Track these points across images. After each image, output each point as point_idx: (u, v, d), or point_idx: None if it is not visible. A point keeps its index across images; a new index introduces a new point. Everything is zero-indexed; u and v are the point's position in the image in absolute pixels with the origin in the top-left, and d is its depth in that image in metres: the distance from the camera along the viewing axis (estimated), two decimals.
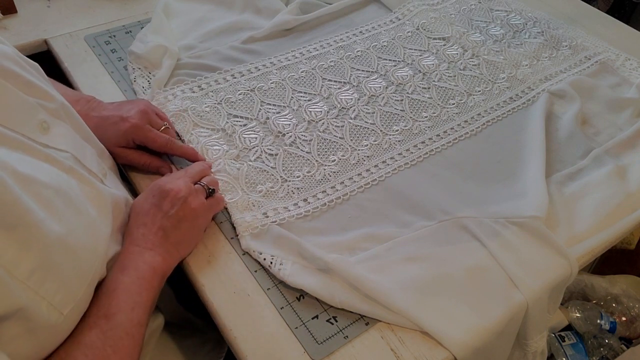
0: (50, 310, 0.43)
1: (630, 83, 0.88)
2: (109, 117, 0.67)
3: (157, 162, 0.68)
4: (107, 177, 0.59)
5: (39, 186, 0.44)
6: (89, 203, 0.50)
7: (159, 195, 0.58)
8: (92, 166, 0.55)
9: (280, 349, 0.54)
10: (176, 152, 0.69)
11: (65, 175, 0.49)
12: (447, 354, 0.55)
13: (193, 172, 0.64)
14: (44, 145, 0.49)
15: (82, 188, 0.51)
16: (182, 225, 0.58)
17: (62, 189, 0.47)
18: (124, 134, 0.65)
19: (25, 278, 0.41)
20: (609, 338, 1.02)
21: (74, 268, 0.45)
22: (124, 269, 0.53)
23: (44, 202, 0.44)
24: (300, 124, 0.77)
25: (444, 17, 0.99)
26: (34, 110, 0.50)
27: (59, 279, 0.43)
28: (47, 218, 0.43)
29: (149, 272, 0.54)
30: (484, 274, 0.61)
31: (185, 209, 0.58)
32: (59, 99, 0.55)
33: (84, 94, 0.71)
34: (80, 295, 0.46)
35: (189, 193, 0.59)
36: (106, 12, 0.94)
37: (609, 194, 0.70)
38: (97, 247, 0.49)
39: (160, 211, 0.57)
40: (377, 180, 0.71)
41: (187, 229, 0.58)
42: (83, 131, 0.59)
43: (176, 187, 0.59)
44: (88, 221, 0.49)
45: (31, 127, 0.49)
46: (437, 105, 0.82)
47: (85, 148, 0.57)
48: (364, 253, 0.61)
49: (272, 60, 0.87)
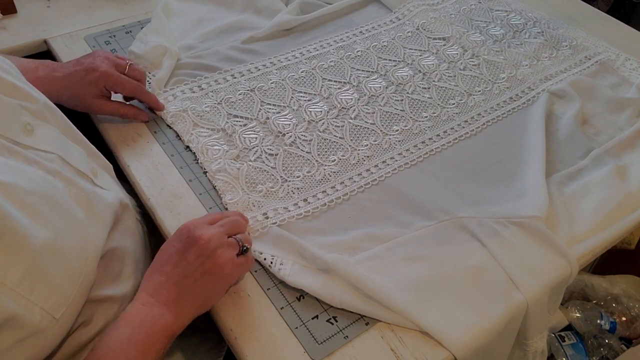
0: (43, 315, 0.43)
1: (630, 83, 0.88)
2: (75, 72, 0.68)
3: (133, 110, 0.72)
4: (99, 176, 0.58)
5: (21, 192, 0.44)
6: (76, 205, 0.50)
7: (185, 241, 0.53)
8: (80, 166, 0.55)
9: (280, 349, 0.54)
10: (144, 97, 0.73)
11: (50, 177, 0.49)
12: (447, 354, 0.55)
13: (229, 224, 0.57)
14: (28, 148, 0.48)
15: (68, 190, 0.50)
16: (204, 280, 0.52)
17: (48, 193, 0.47)
18: (95, 83, 0.67)
19: (15, 285, 0.40)
20: (609, 338, 1.02)
21: (65, 271, 0.45)
22: (127, 324, 0.49)
23: (29, 209, 0.43)
24: (300, 124, 0.77)
25: (444, 17, 0.99)
26: (17, 113, 0.49)
27: (50, 283, 0.43)
28: (32, 225, 0.43)
29: (154, 335, 0.50)
30: (484, 274, 0.61)
31: (211, 262, 0.52)
32: (41, 99, 0.55)
33: (41, 60, 0.71)
34: (72, 298, 0.46)
35: (220, 245, 0.53)
36: (106, 12, 0.94)
37: (609, 194, 0.70)
38: (87, 248, 0.49)
39: (183, 260, 0.52)
40: (377, 180, 0.71)
41: (209, 284, 0.53)
42: (70, 132, 0.58)
43: (206, 236, 0.53)
44: (75, 223, 0.48)
45: (14, 130, 0.48)
46: (437, 105, 0.82)
47: (72, 148, 0.56)
48: (364, 253, 0.61)
49: (272, 60, 0.87)
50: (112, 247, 0.55)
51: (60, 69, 0.69)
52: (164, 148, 0.72)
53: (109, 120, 0.75)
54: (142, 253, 0.64)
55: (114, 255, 0.56)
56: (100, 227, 0.53)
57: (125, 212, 0.61)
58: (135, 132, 0.74)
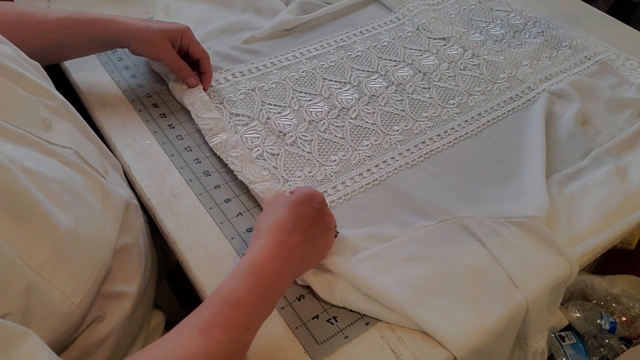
0: (62, 299, 0.44)
1: (630, 83, 0.88)
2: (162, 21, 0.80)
3: (189, 70, 0.76)
4: (110, 175, 0.59)
5: (45, 180, 0.45)
6: (92, 197, 0.51)
7: (304, 194, 0.57)
8: (93, 163, 0.56)
9: (280, 349, 0.54)
10: (206, 64, 0.78)
11: (69, 169, 0.50)
12: (447, 354, 0.55)
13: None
14: (47, 142, 0.49)
15: (85, 182, 0.51)
16: (318, 227, 0.56)
17: (67, 183, 0.48)
18: (175, 30, 0.74)
19: (39, 267, 0.41)
20: (609, 338, 1.02)
21: (84, 259, 0.46)
22: (257, 277, 0.49)
23: (52, 195, 0.44)
24: (301, 124, 0.77)
25: (444, 17, 0.99)
26: (36, 108, 0.51)
27: (70, 269, 0.44)
28: (56, 210, 0.44)
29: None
30: (484, 273, 0.61)
31: (326, 212, 0.58)
32: (59, 97, 0.56)
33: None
34: (89, 285, 0.47)
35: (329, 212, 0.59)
36: (106, 11, 0.93)
37: (609, 194, 0.70)
38: (103, 239, 0.50)
39: (308, 204, 0.56)
40: (378, 180, 0.71)
41: (321, 234, 0.57)
42: (84, 129, 0.59)
43: (320, 194, 0.59)
44: (93, 214, 0.49)
45: (34, 124, 0.49)
46: (437, 105, 0.82)
47: (86, 145, 0.57)
48: (364, 252, 0.61)
49: (272, 60, 0.87)
50: (126, 243, 0.56)
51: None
52: (164, 148, 0.72)
53: (109, 120, 0.75)
54: (151, 253, 0.64)
55: (127, 251, 0.56)
56: (114, 221, 0.54)
57: (135, 211, 0.61)
58: (136, 132, 0.74)
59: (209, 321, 0.45)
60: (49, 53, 0.71)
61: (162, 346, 0.44)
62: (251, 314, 0.47)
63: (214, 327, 0.44)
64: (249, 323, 0.47)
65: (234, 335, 0.45)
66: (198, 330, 0.44)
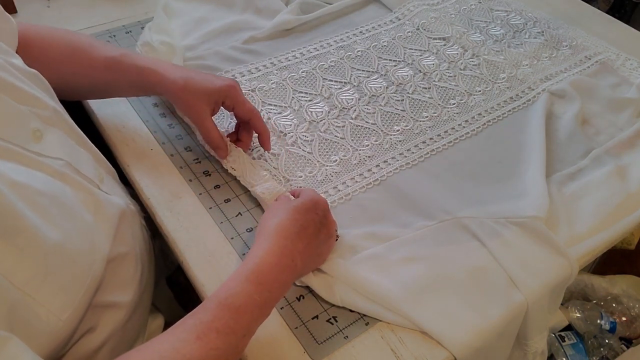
0: (49, 316, 0.43)
1: (630, 83, 0.88)
2: (204, 72, 0.68)
3: (221, 142, 0.66)
4: (105, 182, 0.58)
5: (33, 193, 0.44)
6: (84, 209, 0.50)
7: (310, 200, 0.57)
8: (87, 172, 0.55)
9: (280, 349, 0.54)
10: (258, 124, 0.68)
11: (58, 182, 0.49)
12: (447, 354, 0.55)
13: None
14: (37, 154, 0.49)
15: (76, 194, 0.50)
16: (321, 235, 0.56)
17: (57, 196, 0.47)
18: (218, 90, 0.64)
19: (23, 285, 0.41)
20: (609, 338, 1.02)
21: (72, 273, 0.45)
22: (259, 284, 0.49)
23: (40, 210, 0.44)
24: (302, 124, 0.77)
25: (444, 17, 0.99)
26: (27, 119, 0.50)
27: (57, 284, 0.43)
28: (43, 225, 0.43)
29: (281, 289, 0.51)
30: (484, 274, 0.61)
31: (329, 219, 0.58)
32: (51, 105, 0.55)
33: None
34: (78, 300, 0.46)
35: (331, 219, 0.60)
36: (106, 12, 0.94)
37: (609, 194, 0.70)
38: (94, 252, 0.49)
39: (313, 211, 0.56)
40: (379, 180, 0.71)
41: (324, 241, 0.57)
42: (77, 136, 0.58)
43: (324, 200, 0.59)
44: (83, 226, 0.49)
45: (24, 136, 0.48)
46: (437, 105, 0.82)
47: (79, 153, 0.56)
48: (365, 252, 0.61)
49: (272, 60, 0.87)
50: (120, 252, 0.55)
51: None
52: (164, 148, 0.72)
53: (109, 120, 0.75)
54: (147, 259, 0.63)
55: (121, 260, 0.55)
56: (107, 232, 0.53)
57: (131, 217, 0.61)
58: (135, 133, 0.74)
59: (207, 326, 0.45)
60: (89, 93, 0.71)
61: (156, 347, 0.43)
62: (249, 321, 0.47)
63: (211, 332, 0.44)
64: (246, 329, 0.47)
65: (230, 341, 0.45)
66: (195, 335, 0.44)
